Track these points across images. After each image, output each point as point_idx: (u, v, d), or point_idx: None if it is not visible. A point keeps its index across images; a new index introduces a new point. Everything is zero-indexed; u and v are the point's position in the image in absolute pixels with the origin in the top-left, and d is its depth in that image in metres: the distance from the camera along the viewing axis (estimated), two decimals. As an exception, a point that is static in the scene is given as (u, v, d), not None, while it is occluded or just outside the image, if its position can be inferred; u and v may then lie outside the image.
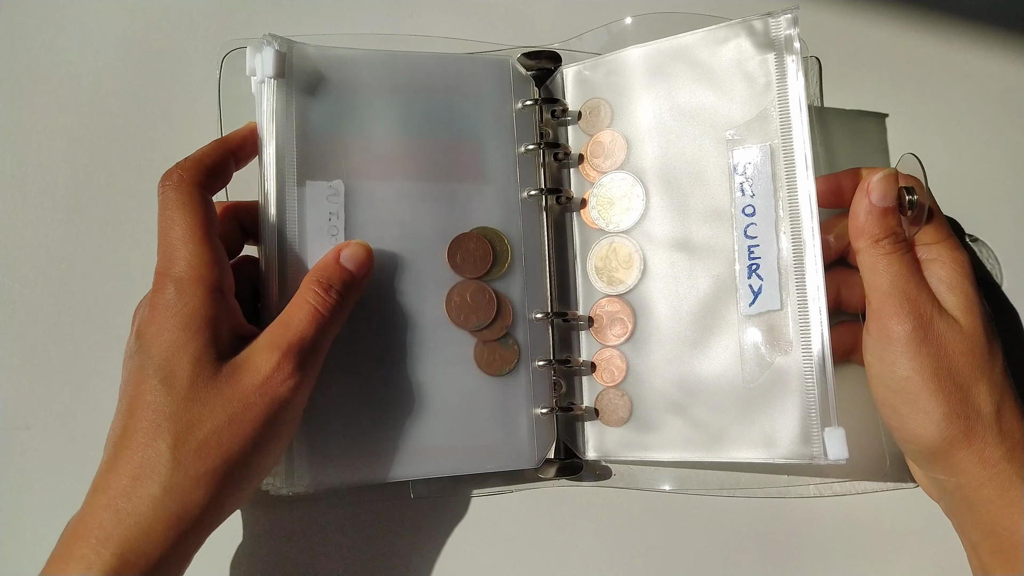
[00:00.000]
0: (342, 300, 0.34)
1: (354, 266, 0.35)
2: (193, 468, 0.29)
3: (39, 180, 0.40)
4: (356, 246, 0.35)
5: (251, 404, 0.30)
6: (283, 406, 0.31)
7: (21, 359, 0.39)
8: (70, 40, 0.42)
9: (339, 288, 0.34)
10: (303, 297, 0.33)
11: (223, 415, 0.30)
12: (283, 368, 0.31)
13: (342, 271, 0.34)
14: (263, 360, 0.31)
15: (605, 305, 0.40)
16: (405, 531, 0.38)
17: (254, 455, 0.31)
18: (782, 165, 0.36)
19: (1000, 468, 0.33)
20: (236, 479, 0.30)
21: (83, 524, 0.29)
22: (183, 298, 0.31)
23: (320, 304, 0.33)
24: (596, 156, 0.40)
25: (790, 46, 0.36)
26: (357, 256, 0.35)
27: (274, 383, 0.31)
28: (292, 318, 0.33)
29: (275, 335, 0.32)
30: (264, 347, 0.31)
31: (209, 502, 0.30)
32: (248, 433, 0.30)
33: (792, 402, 0.35)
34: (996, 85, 0.45)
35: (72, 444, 0.38)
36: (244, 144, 0.35)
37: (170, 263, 0.32)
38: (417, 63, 0.39)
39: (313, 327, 0.32)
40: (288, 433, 0.32)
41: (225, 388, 0.30)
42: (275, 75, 0.35)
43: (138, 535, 0.28)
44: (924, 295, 0.34)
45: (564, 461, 0.39)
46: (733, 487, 0.39)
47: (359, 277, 0.35)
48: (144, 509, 0.29)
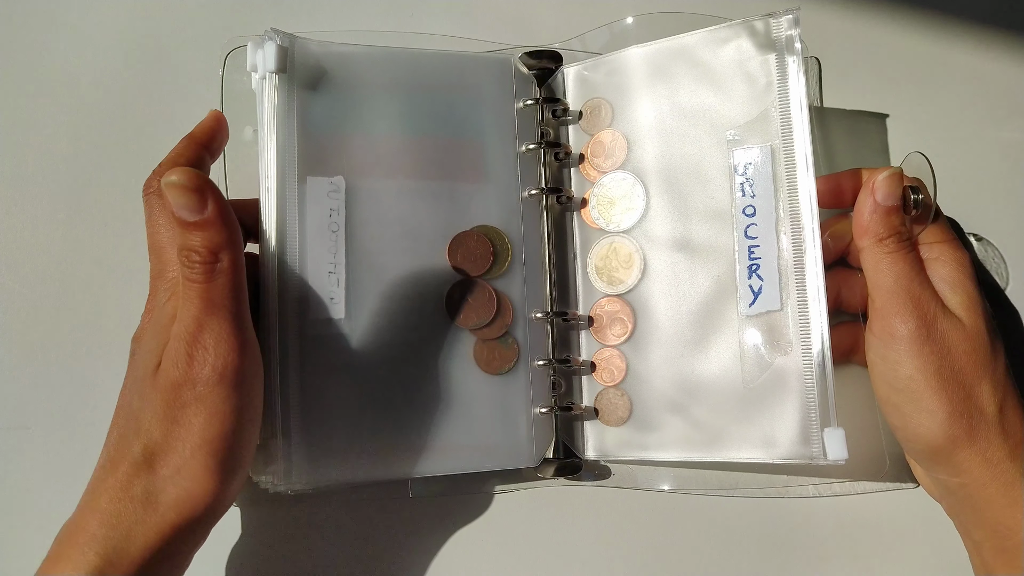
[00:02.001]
0: (207, 259, 0.30)
1: (189, 214, 0.30)
2: (163, 470, 0.29)
3: (39, 180, 0.40)
4: (173, 190, 0.30)
5: (184, 402, 0.29)
6: (215, 394, 0.30)
7: (21, 359, 0.39)
8: (70, 40, 0.42)
9: (199, 249, 0.30)
10: (181, 276, 0.31)
11: (165, 419, 0.29)
12: (195, 357, 0.30)
13: (184, 231, 0.30)
14: (176, 353, 0.30)
15: (605, 305, 0.40)
16: (403, 530, 0.38)
17: (218, 446, 0.30)
18: (783, 165, 0.36)
19: (1003, 467, 0.33)
20: (210, 472, 0.30)
21: (73, 526, 0.29)
22: (170, 300, 0.31)
23: (192, 275, 0.30)
24: (597, 156, 0.40)
25: (791, 47, 0.36)
26: (181, 202, 0.30)
27: (193, 375, 0.29)
28: (182, 301, 0.31)
29: (175, 325, 0.30)
30: (172, 338, 0.30)
31: (189, 499, 0.29)
32: (197, 431, 0.29)
33: (792, 402, 0.35)
34: (996, 85, 0.45)
35: (72, 444, 0.38)
36: (213, 135, 0.35)
37: (162, 267, 0.32)
38: (419, 61, 0.39)
39: (198, 302, 0.30)
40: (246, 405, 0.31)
41: (159, 389, 0.30)
42: (277, 70, 0.35)
43: (121, 536, 0.29)
44: (927, 294, 0.34)
45: (563, 460, 0.39)
46: (733, 487, 0.39)
47: (206, 223, 0.30)
48: (126, 511, 0.29)
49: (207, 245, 0.30)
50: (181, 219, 0.30)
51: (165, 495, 0.29)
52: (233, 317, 0.31)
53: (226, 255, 0.31)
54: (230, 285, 0.31)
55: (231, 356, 0.30)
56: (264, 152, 0.35)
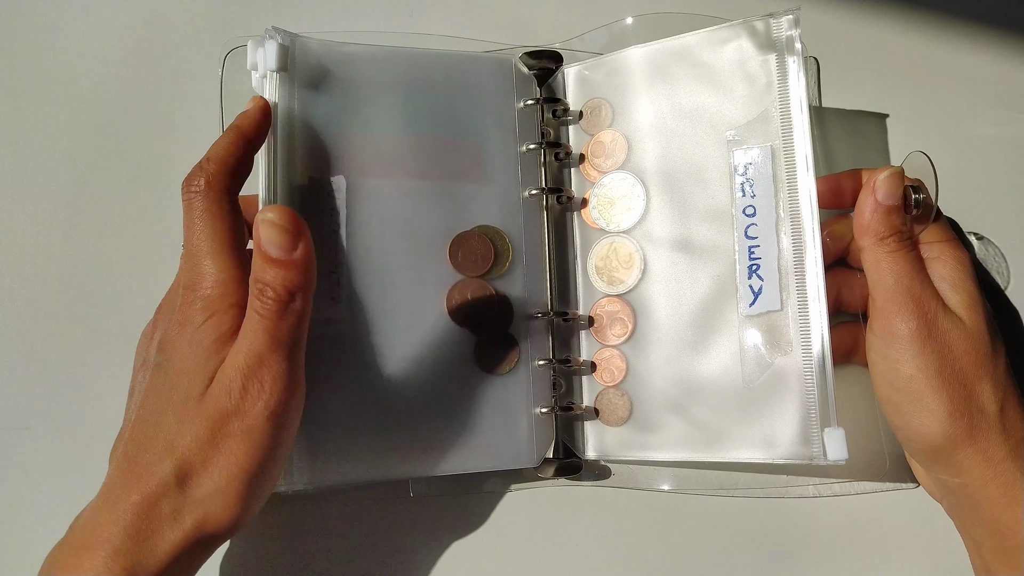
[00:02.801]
0: (282, 300, 0.30)
1: (280, 252, 0.30)
2: (193, 493, 0.29)
3: (39, 180, 0.40)
4: (270, 228, 0.30)
5: (230, 433, 0.30)
6: (262, 430, 0.30)
7: (21, 359, 0.39)
8: (70, 40, 0.42)
9: (275, 287, 0.30)
10: (249, 305, 0.31)
11: (208, 444, 0.30)
12: (250, 391, 0.30)
13: (266, 266, 0.31)
14: (230, 382, 0.30)
15: (605, 305, 0.40)
16: (404, 530, 0.38)
17: (252, 477, 0.30)
18: (783, 166, 0.36)
19: (1004, 467, 0.33)
20: (241, 499, 0.30)
21: (92, 536, 0.29)
22: (210, 319, 0.31)
23: (262, 311, 0.30)
24: (597, 156, 0.40)
25: (791, 47, 0.36)
26: (273, 239, 0.30)
27: (245, 408, 0.30)
28: (244, 332, 0.31)
29: (234, 353, 0.30)
30: (229, 367, 0.30)
31: (214, 521, 0.30)
32: (236, 461, 0.30)
33: (792, 402, 0.35)
34: (996, 84, 0.45)
35: (72, 444, 0.38)
36: (260, 129, 0.34)
37: (198, 279, 0.31)
38: (420, 60, 0.39)
39: (264, 337, 0.30)
40: (283, 442, 0.31)
41: (205, 414, 0.30)
42: (277, 69, 0.35)
43: (146, 552, 0.29)
44: (928, 293, 0.34)
45: (563, 460, 0.39)
46: (733, 487, 0.39)
47: (291, 263, 0.31)
48: (153, 528, 0.29)
49: (286, 284, 0.30)
50: (266, 254, 0.30)
51: (192, 516, 0.29)
52: (292, 358, 0.31)
53: (300, 297, 0.31)
54: (296, 326, 0.31)
55: (284, 397, 0.30)
56: (265, 151, 0.35)
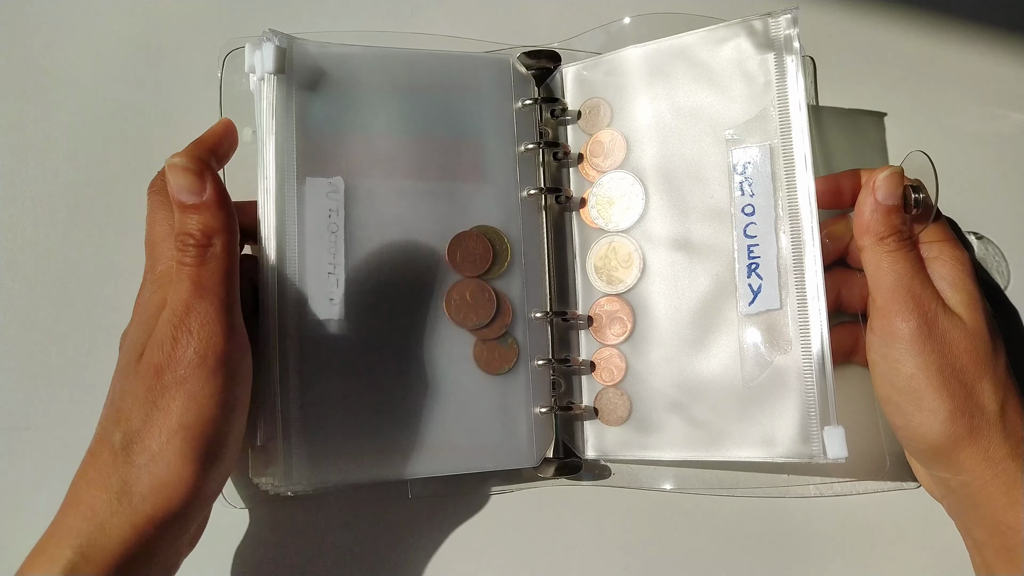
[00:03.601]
0: (201, 242, 0.30)
1: (188, 196, 0.31)
2: (139, 458, 0.29)
3: (39, 180, 0.40)
4: (176, 173, 0.31)
5: (165, 386, 0.29)
6: (197, 377, 0.29)
7: (21, 359, 0.39)
8: (70, 40, 0.42)
9: (193, 233, 0.30)
10: (175, 262, 0.31)
11: (145, 403, 0.29)
12: (180, 339, 0.29)
13: (182, 214, 0.31)
14: (163, 336, 0.29)
15: (604, 304, 0.39)
16: (403, 530, 0.38)
17: (196, 433, 0.29)
18: (782, 164, 0.36)
19: (1005, 466, 0.33)
20: (186, 459, 0.29)
21: (55, 522, 0.29)
22: (157, 292, 0.31)
23: (185, 259, 0.30)
24: (595, 155, 0.40)
25: (790, 46, 0.36)
26: (181, 183, 0.31)
27: (177, 357, 0.29)
28: (173, 285, 0.30)
29: (166, 309, 0.30)
30: (161, 321, 0.30)
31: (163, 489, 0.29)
32: (175, 416, 0.29)
33: (791, 401, 0.35)
34: (995, 83, 0.45)
35: (72, 444, 0.37)
36: (221, 141, 0.34)
37: (153, 262, 0.32)
38: (418, 61, 0.39)
39: (188, 285, 0.30)
40: (228, 393, 0.30)
41: (141, 373, 0.29)
42: (275, 71, 0.35)
43: (96, 529, 0.28)
44: (928, 292, 0.34)
45: (563, 460, 0.39)
46: (733, 487, 0.39)
47: (203, 206, 0.31)
48: (101, 503, 0.28)
49: (202, 228, 0.31)
50: (180, 202, 0.31)
51: (140, 485, 0.28)
52: (221, 302, 0.31)
53: (220, 240, 0.31)
54: (222, 270, 0.31)
55: (215, 339, 0.30)
56: (263, 153, 0.35)
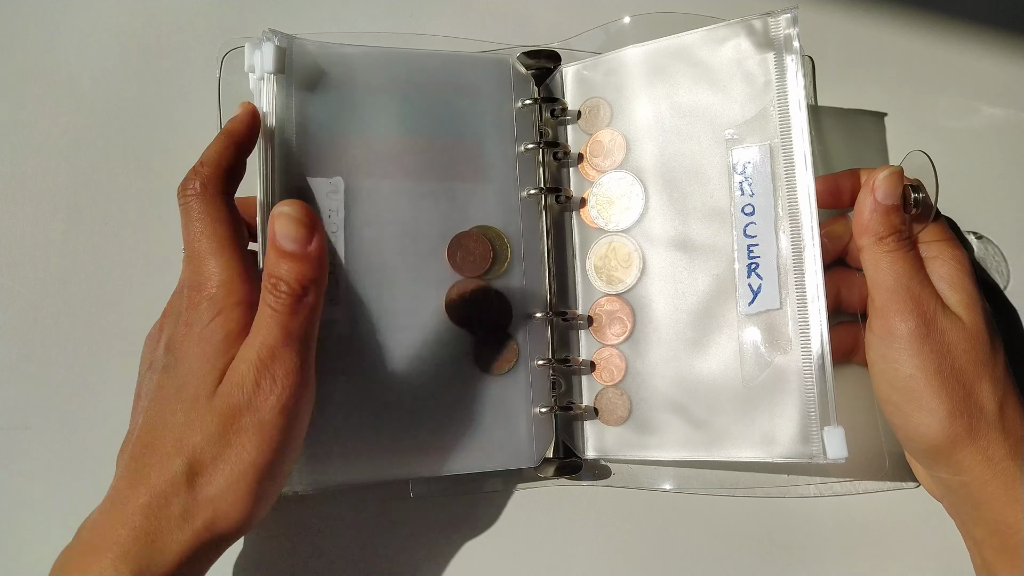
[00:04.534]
0: (295, 292, 0.31)
1: (294, 245, 0.31)
2: (203, 491, 0.29)
3: (39, 180, 0.40)
4: (286, 220, 0.31)
5: (241, 427, 0.30)
6: (274, 425, 0.30)
7: (21, 359, 0.39)
8: (70, 40, 0.42)
9: (289, 281, 0.31)
10: (262, 300, 0.31)
11: (219, 440, 0.29)
12: (262, 386, 0.30)
13: (279, 260, 0.31)
14: (242, 376, 0.30)
15: (604, 304, 0.39)
16: (404, 530, 0.38)
17: (263, 473, 0.30)
18: (781, 164, 0.36)
19: (1004, 466, 0.33)
20: (251, 497, 0.30)
21: (101, 538, 0.29)
22: (217, 318, 0.31)
23: (276, 305, 0.31)
24: (595, 155, 0.40)
25: (790, 45, 0.36)
26: (288, 232, 0.31)
27: (258, 403, 0.30)
28: (257, 326, 0.31)
29: (246, 348, 0.31)
30: (241, 363, 0.30)
31: (224, 520, 0.29)
32: (248, 457, 0.29)
33: (791, 401, 0.35)
34: (995, 83, 0.45)
35: (72, 444, 0.38)
36: (250, 132, 0.34)
37: (202, 279, 0.31)
38: (418, 61, 0.39)
39: (277, 332, 0.30)
40: (294, 439, 0.31)
41: (217, 410, 0.30)
42: (275, 71, 0.35)
43: (155, 554, 0.28)
44: (927, 292, 0.34)
45: (563, 460, 0.39)
46: (733, 487, 0.39)
47: (306, 257, 0.31)
48: (162, 529, 0.29)
49: (299, 279, 0.31)
50: (280, 248, 0.31)
51: (202, 515, 0.29)
52: (304, 353, 0.31)
53: (313, 292, 0.31)
54: (309, 321, 0.31)
55: (295, 391, 0.30)
56: (262, 153, 0.35)
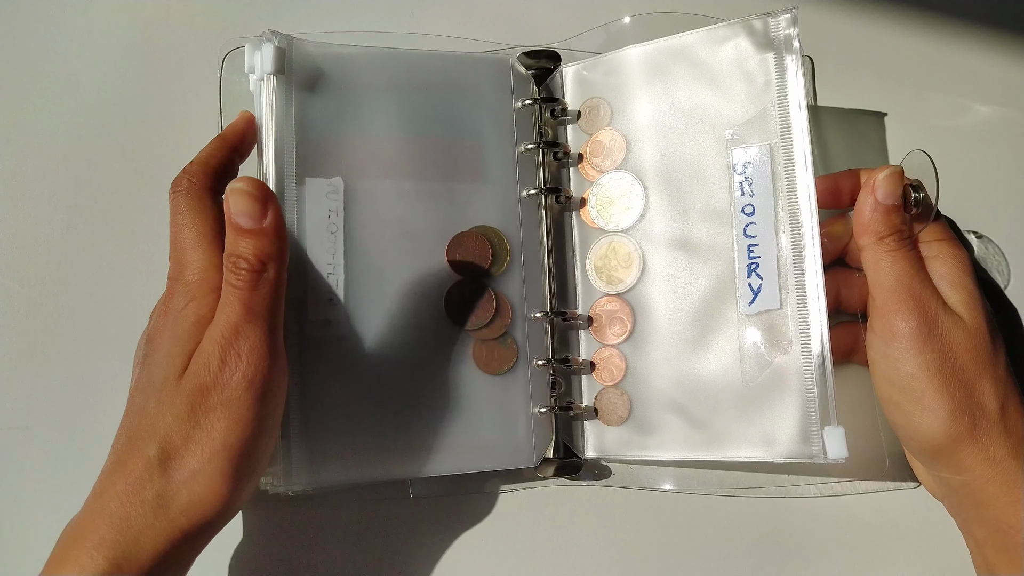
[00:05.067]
0: (254, 267, 0.30)
1: (249, 221, 0.31)
2: (176, 475, 0.29)
3: (39, 180, 0.40)
4: (239, 196, 0.31)
5: (209, 407, 0.29)
6: (242, 401, 0.30)
7: (21, 359, 0.39)
8: (70, 40, 0.42)
9: (248, 257, 0.30)
10: (224, 280, 0.31)
11: (188, 421, 0.29)
12: (228, 362, 0.29)
13: (237, 235, 0.31)
14: (209, 356, 0.30)
15: (604, 304, 0.39)
16: (404, 530, 0.38)
17: (237, 453, 0.30)
18: (782, 164, 0.36)
19: (1005, 465, 0.33)
20: (225, 478, 0.29)
21: (80, 528, 0.29)
22: (190, 304, 0.31)
23: (236, 282, 0.30)
24: (595, 155, 0.40)
25: (790, 46, 0.36)
26: (242, 208, 0.31)
27: (224, 380, 0.29)
28: (221, 306, 0.31)
29: (211, 329, 0.30)
30: (206, 342, 0.30)
31: (200, 505, 0.29)
32: (218, 437, 0.29)
33: (792, 401, 0.35)
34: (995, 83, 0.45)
35: (72, 444, 0.38)
36: (244, 138, 0.35)
37: (181, 269, 0.32)
38: (417, 61, 0.39)
39: (239, 308, 0.30)
40: (267, 416, 0.31)
41: (184, 392, 0.30)
42: (274, 71, 0.35)
43: (130, 541, 0.28)
44: (928, 292, 0.34)
45: (563, 460, 0.39)
46: (733, 487, 0.39)
47: (262, 231, 0.31)
48: (136, 515, 0.29)
49: (257, 254, 0.31)
50: (238, 225, 0.31)
51: (178, 499, 0.29)
52: (269, 327, 0.31)
53: (273, 266, 0.31)
54: (271, 296, 0.31)
55: (262, 364, 0.30)
56: (262, 153, 0.36)
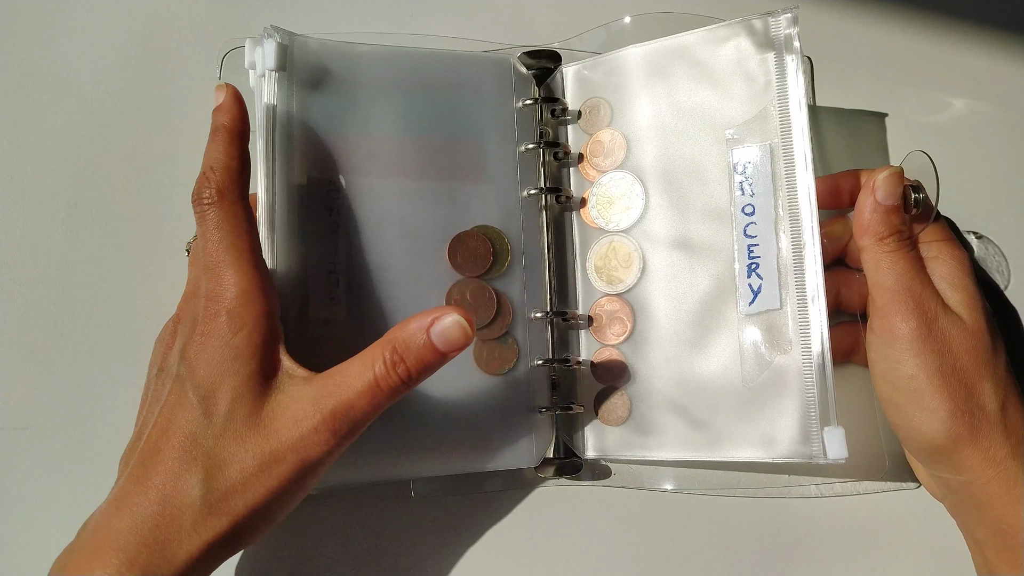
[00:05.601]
0: (409, 380, 0.31)
1: (444, 346, 0.31)
2: (219, 507, 0.29)
3: (39, 180, 0.40)
4: (453, 325, 0.30)
5: (282, 458, 0.29)
6: (313, 467, 0.30)
7: (21, 359, 0.39)
8: (70, 40, 0.42)
9: (412, 367, 0.30)
10: (369, 359, 0.30)
11: (254, 462, 0.29)
12: (321, 432, 0.29)
13: (424, 351, 0.31)
14: (305, 416, 0.29)
15: (604, 304, 0.39)
16: (405, 530, 0.38)
17: (275, 505, 0.30)
18: (782, 164, 0.36)
19: (1006, 466, 0.33)
20: (254, 522, 0.30)
21: (105, 542, 0.28)
22: (241, 333, 0.30)
23: (383, 379, 0.30)
24: (596, 155, 0.40)
25: (790, 45, 0.36)
26: (450, 337, 0.30)
27: (309, 444, 0.29)
28: (348, 379, 0.30)
29: (324, 391, 0.30)
30: (309, 401, 0.30)
31: (229, 539, 0.29)
32: (274, 486, 0.29)
33: (792, 401, 0.35)
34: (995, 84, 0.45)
35: (72, 444, 0.38)
36: (244, 122, 0.33)
37: (220, 289, 0.31)
38: (419, 60, 0.39)
39: (366, 399, 0.30)
40: (311, 485, 0.31)
41: (261, 433, 0.29)
42: (276, 68, 0.35)
43: (161, 563, 0.28)
44: (928, 292, 0.34)
45: (563, 460, 0.39)
46: (733, 487, 0.39)
47: (444, 358, 0.31)
48: (171, 538, 0.28)
49: (420, 369, 0.31)
50: (432, 346, 0.31)
51: (214, 530, 0.29)
52: (369, 422, 0.31)
53: (419, 381, 0.31)
54: (394, 400, 0.31)
55: (343, 448, 0.31)
56: (263, 151, 0.35)
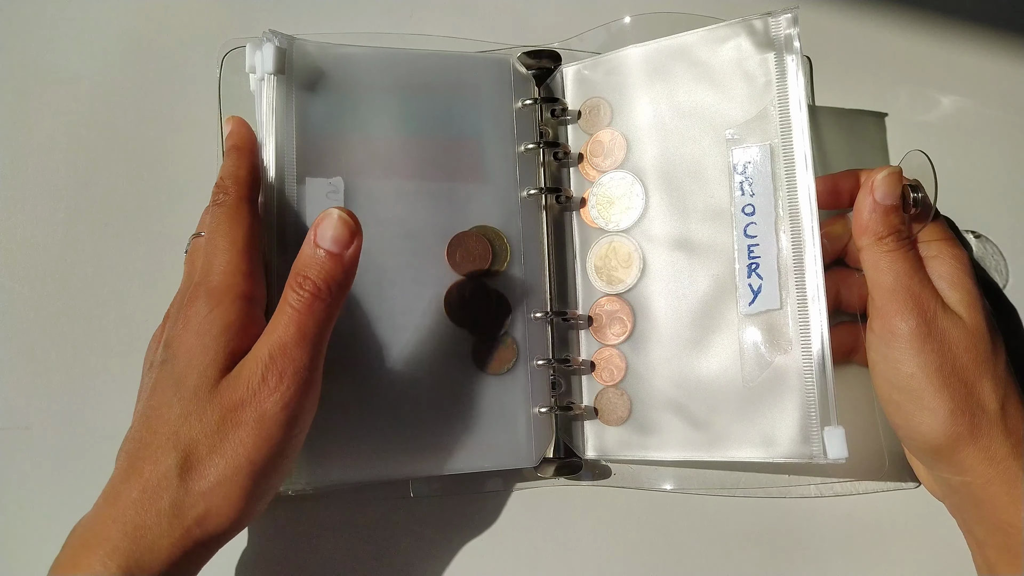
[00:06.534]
0: (319, 293, 0.31)
1: (335, 246, 0.31)
2: (196, 485, 0.29)
3: (39, 180, 0.40)
4: (335, 222, 0.31)
5: (241, 420, 0.29)
6: (275, 421, 0.29)
7: (21, 359, 0.39)
8: (70, 40, 0.42)
9: (317, 279, 0.31)
10: (283, 298, 0.31)
11: (217, 433, 0.29)
12: (268, 380, 0.29)
13: (317, 260, 0.31)
14: (251, 373, 0.30)
15: (604, 304, 0.39)
16: (404, 530, 0.38)
17: (259, 470, 0.30)
18: (782, 164, 0.36)
19: (1006, 465, 0.33)
20: (244, 493, 0.29)
21: (92, 534, 0.29)
22: (216, 310, 0.31)
23: (296, 303, 0.30)
24: (596, 155, 0.40)
25: (790, 45, 0.36)
26: (336, 234, 0.31)
27: (261, 396, 0.29)
28: (274, 324, 0.31)
29: (260, 344, 0.30)
30: (251, 358, 0.30)
31: (215, 517, 0.29)
32: (244, 452, 0.29)
33: (792, 401, 0.35)
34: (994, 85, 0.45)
35: (72, 444, 0.38)
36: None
37: (207, 273, 0.32)
38: (418, 61, 0.39)
39: (292, 329, 0.30)
40: (293, 440, 0.31)
41: (219, 403, 0.29)
42: (275, 71, 0.35)
43: (144, 549, 0.28)
44: (927, 292, 0.34)
45: (563, 460, 0.39)
46: (733, 487, 0.39)
47: (340, 258, 0.31)
48: (151, 523, 0.28)
49: (326, 278, 0.31)
50: (316, 245, 0.31)
51: (194, 510, 0.29)
52: (314, 355, 0.31)
53: (336, 295, 0.31)
54: (325, 323, 0.31)
55: (300, 388, 0.30)
56: (263, 153, 0.35)
